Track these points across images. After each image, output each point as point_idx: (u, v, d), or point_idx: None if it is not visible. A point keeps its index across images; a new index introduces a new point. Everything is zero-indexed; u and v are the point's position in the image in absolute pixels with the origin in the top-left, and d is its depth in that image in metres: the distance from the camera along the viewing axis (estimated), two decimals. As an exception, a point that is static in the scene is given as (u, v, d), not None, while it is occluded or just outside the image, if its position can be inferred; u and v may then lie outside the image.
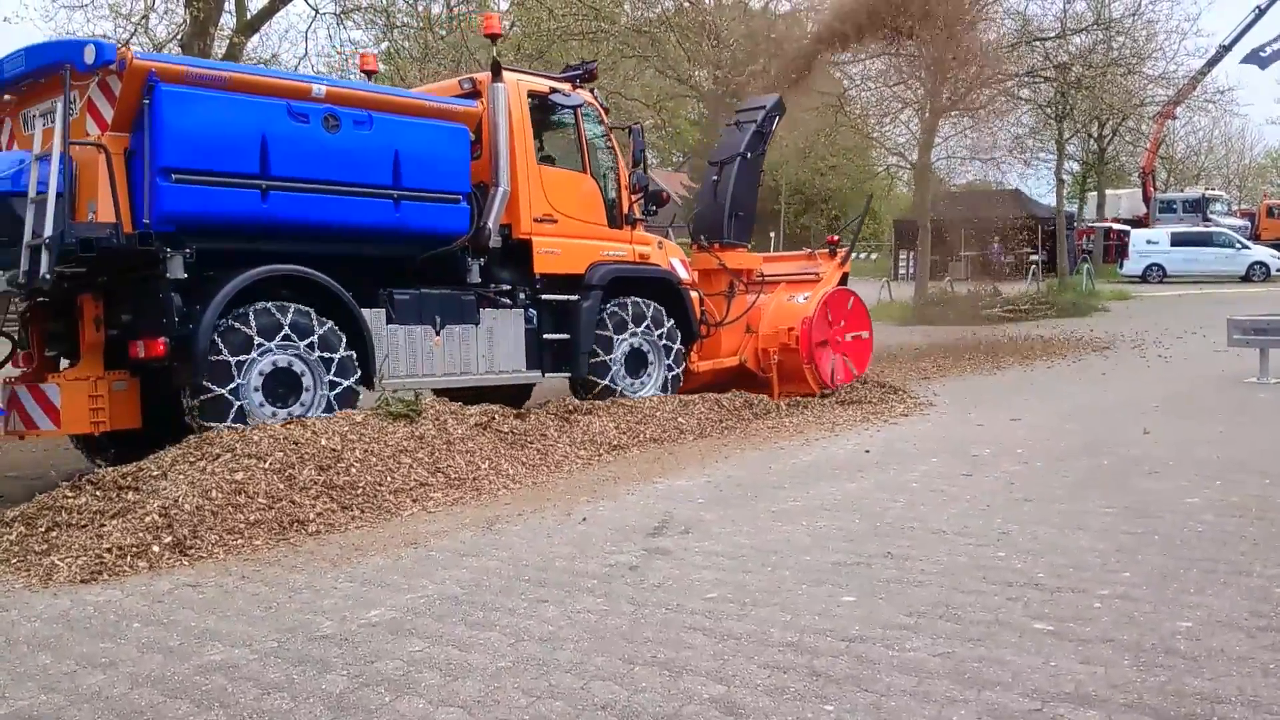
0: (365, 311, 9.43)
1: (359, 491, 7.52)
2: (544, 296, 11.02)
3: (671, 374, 12.00)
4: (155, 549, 6.29)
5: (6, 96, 9.19)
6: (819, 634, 4.63)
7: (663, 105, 27.94)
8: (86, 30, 20.69)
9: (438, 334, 10.03)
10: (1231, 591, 5.03)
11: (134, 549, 6.25)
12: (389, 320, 9.69)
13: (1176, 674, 4.04)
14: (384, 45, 27.75)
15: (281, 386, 8.80)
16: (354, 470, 7.69)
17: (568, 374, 11.35)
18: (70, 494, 7.06)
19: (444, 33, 24.64)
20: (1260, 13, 41.86)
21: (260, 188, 8.73)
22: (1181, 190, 51.46)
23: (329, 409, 8.90)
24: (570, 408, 10.31)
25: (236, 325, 8.58)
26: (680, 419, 10.72)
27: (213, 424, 8.33)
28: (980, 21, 24.24)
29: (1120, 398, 12.62)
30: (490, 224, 10.38)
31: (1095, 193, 48.93)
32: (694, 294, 12.62)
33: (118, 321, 8.81)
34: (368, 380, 9.41)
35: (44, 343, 9.29)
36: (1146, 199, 46.42)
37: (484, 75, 10.88)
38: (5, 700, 4.14)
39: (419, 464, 8.12)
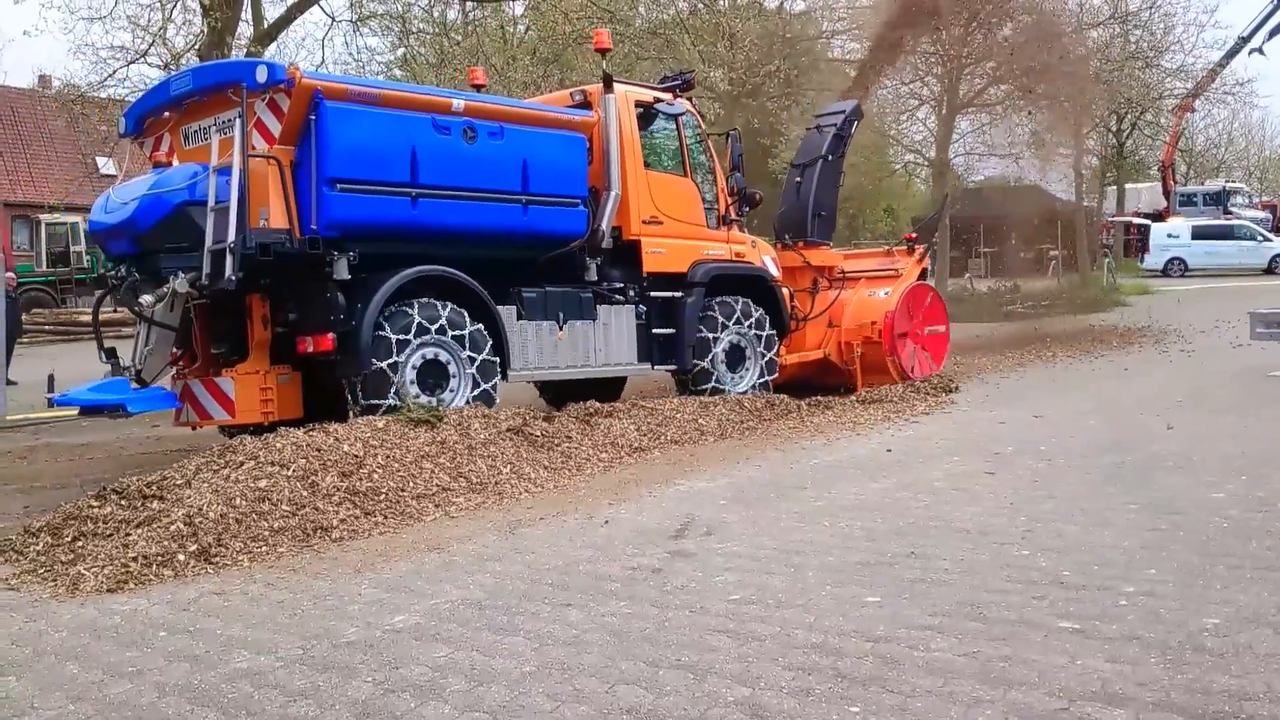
0: (499, 309, 10.10)
1: (381, 497, 7.53)
2: (651, 294, 11.72)
3: (762, 379, 12.59)
4: (180, 557, 6.32)
5: (167, 114, 9.83)
6: (843, 635, 4.61)
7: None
8: (105, 41, 20.88)
9: (561, 329, 10.74)
10: (1258, 587, 5.00)
11: (159, 557, 6.27)
12: (519, 317, 10.47)
13: (1204, 671, 4.01)
14: (400, 51, 27.86)
15: (431, 377, 9.59)
16: (376, 476, 7.71)
17: (673, 366, 11.99)
18: (95, 504, 7.10)
19: (459, 38, 24.73)
20: (1277, 4, 41.53)
21: (410, 195, 9.50)
22: (1202, 183, 51.15)
23: (468, 404, 9.58)
24: (591, 410, 10.34)
25: (404, 309, 9.35)
26: (701, 420, 10.72)
27: (374, 400, 9.11)
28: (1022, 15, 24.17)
29: (1143, 393, 12.55)
30: (604, 226, 11.13)
31: (1115, 187, 48.67)
32: (785, 290, 13.24)
33: (282, 319, 9.46)
34: (504, 374, 10.12)
35: (209, 341, 9.83)
36: (1166, 192, 46.14)
37: (594, 87, 11.70)
38: (34, 710, 4.17)
39: (441, 469, 8.14)
